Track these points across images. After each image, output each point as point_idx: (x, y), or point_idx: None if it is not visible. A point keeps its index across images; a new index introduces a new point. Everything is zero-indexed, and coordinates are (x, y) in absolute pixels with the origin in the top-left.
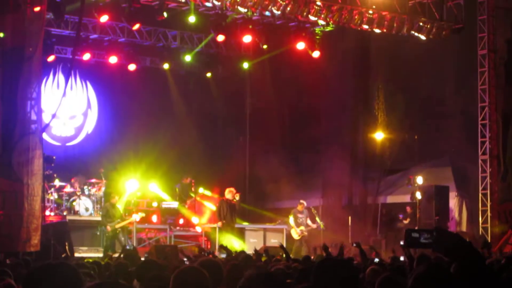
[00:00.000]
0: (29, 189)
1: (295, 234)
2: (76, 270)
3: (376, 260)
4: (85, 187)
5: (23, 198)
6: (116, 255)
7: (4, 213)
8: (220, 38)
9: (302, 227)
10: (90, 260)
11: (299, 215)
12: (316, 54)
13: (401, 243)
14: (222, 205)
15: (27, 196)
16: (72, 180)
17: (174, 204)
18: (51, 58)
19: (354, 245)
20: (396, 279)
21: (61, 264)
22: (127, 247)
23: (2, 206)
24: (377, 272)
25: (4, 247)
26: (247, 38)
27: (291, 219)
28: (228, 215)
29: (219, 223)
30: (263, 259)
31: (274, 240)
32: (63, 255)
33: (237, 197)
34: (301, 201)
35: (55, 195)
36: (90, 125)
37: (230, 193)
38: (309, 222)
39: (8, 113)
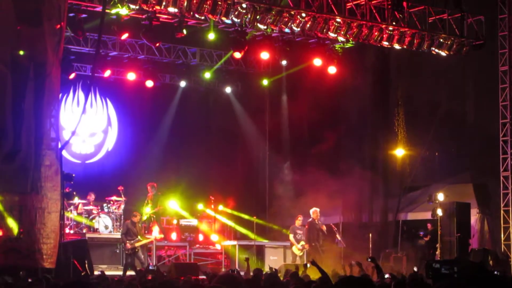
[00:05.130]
0: (52, 205)
1: (297, 250)
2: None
3: None
4: (105, 204)
5: (47, 214)
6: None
7: (36, 228)
8: (237, 55)
9: (303, 242)
10: None
11: (298, 231)
12: (332, 70)
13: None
14: (311, 227)
15: (50, 212)
16: (88, 197)
17: (194, 222)
18: (72, 76)
19: (369, 260)
20: None
21: (80, 282)
22: (150, 267)
23: (34, 221)
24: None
25: (32, 262)
26: (266, 55)
27: (291, 236)
28: (315, 237)
29: (307, 246)
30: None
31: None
32: (82, 273)
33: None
34: (299, 217)
35: (75, 213)
36: (110, 143)
37: (314, 213)
38: None
39: (38, 129)
